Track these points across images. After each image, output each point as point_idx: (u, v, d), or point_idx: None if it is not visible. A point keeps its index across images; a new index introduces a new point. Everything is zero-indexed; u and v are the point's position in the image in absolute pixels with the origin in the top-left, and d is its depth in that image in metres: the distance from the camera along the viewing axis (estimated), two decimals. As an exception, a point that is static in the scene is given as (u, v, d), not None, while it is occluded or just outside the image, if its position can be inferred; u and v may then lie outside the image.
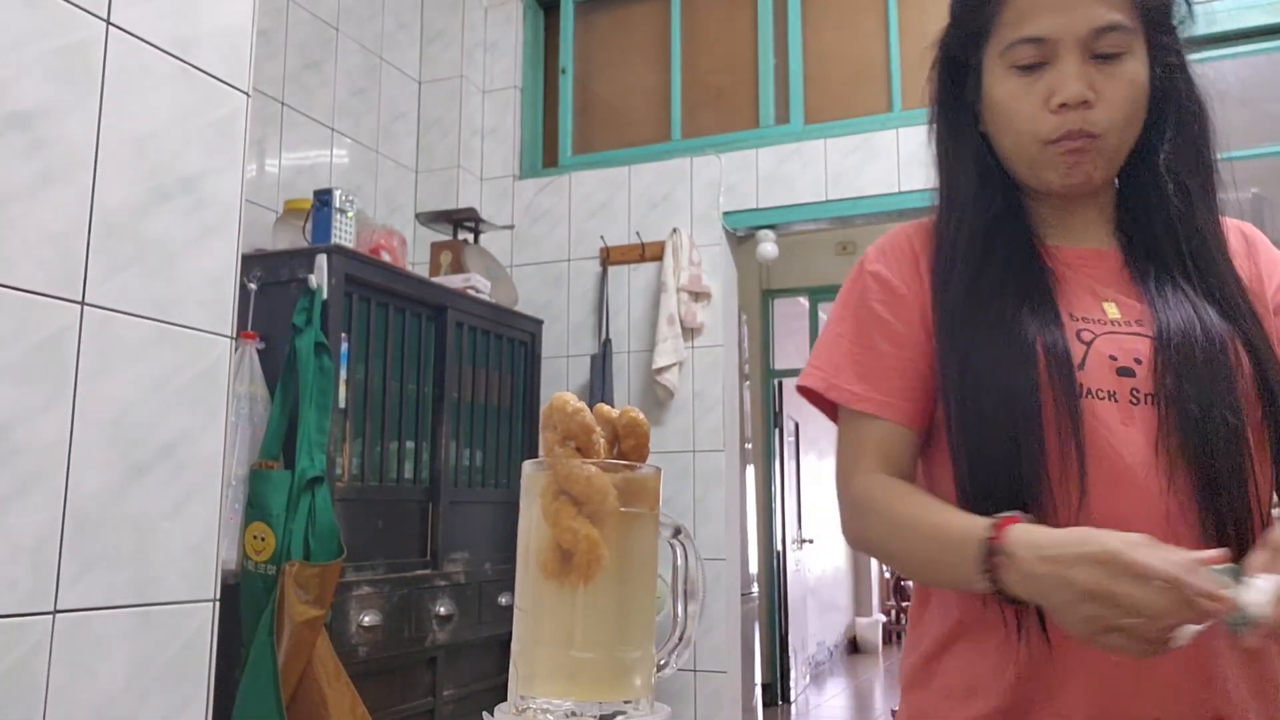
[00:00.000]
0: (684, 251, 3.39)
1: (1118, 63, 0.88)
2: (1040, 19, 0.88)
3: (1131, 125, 0.89)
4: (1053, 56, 0.88)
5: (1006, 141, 0.93)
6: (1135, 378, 0.86)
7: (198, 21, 1.54)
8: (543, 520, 0.64)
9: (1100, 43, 0.87)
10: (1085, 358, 0.87)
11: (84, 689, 1.32)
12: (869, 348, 0.96)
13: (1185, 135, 0.92)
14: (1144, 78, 0.89)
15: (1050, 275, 0.92)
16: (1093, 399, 0.86)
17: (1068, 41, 0.87)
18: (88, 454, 1.34)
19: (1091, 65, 0.87)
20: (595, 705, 0.62)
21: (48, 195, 1.30)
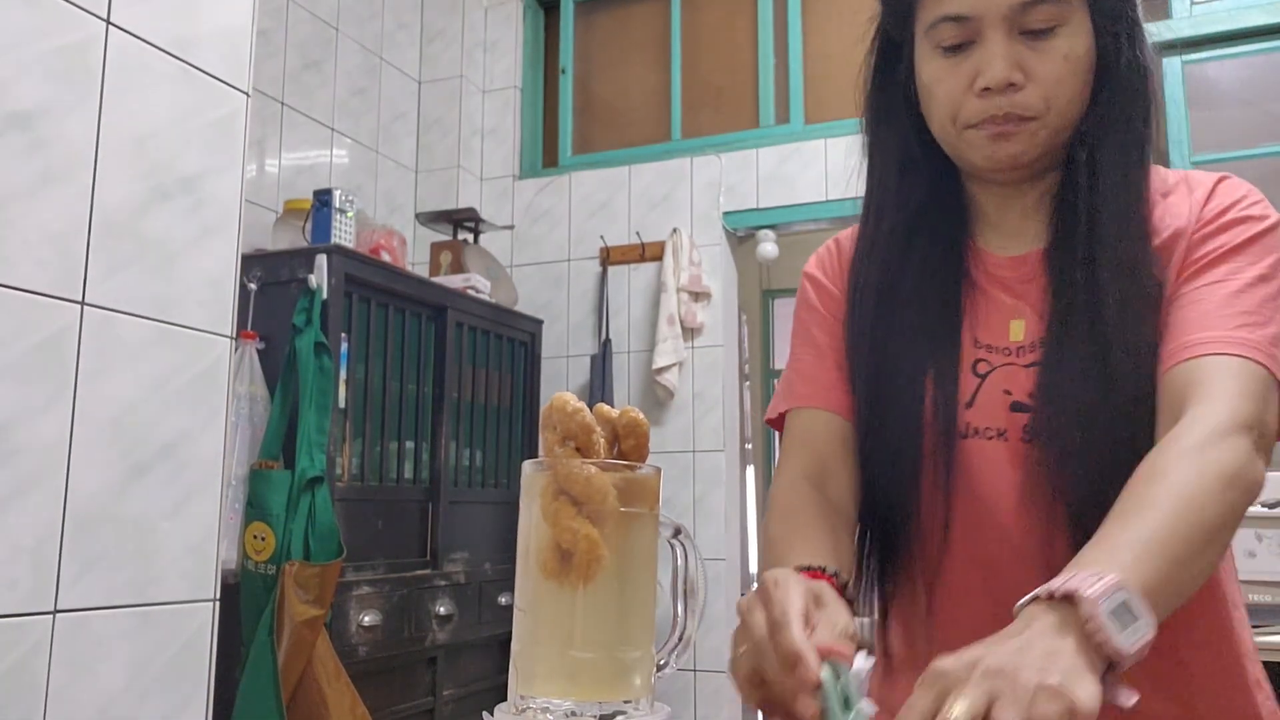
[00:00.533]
0: (684, 251, 3.39)
1: (1050, 38, 0.80)
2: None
3: (1073, 104, 0.82)
4: (977, 35, 0.81)
5: (933, 125, 0.86)
6: (1030, 413, 0.81)
7: (198, 21, 1.54)
8: (543, 520, 0.64)
9: (1029, 17, 0.79)
10: (976, 393, 0.84)
11: (84, 689, 1.32)
12: (811, 347, 0.95)
13: (1113, 107, 0.83)
14: (1084, 50, 0.81)
15: (965, 288, 0.87)
16: (979, 439, 0.83)
17: (991, 18, 0.79)
18: (88, 454, 1.34)
19: (1020, 42, 0.80)
20: (595, 705, 0.62)
21: (48, 195, 1.30)
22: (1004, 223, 0.89)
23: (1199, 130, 3.04)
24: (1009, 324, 0.85)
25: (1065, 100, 0.81)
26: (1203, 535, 0.65)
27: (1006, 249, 0.89)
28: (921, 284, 0.87)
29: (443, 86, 3.75)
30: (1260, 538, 2.36)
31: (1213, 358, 0.73)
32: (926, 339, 0.85)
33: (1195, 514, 0.65)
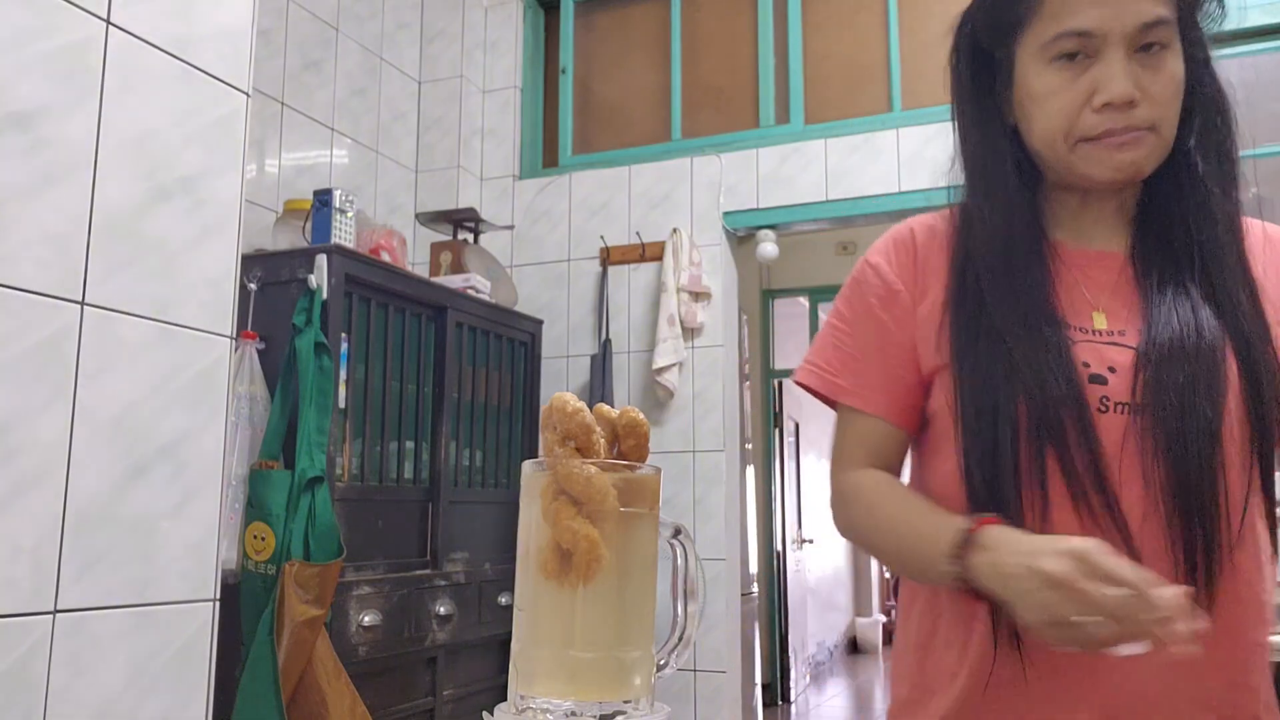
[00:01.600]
0: (684, 251, 3.40)
1: (1161, 56, 0.86)
2: (1086, 11, 0.85)
3: (1174, 122, 0.88)
4: (1096, 51, 0.86)
5: (1041, 137, 0.90)
6: (1106, 385, 0.86)
7: (198, 21, 1.54)
8: (543, 520, 0.64)
9: (1147, 36, 0.85)
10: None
11: (84, 689, 1.32)
12: (862, 344, 0.98)
13: (1209, 131, 0.90)
14: (1182, 72, 0.87)
15: (1049, 277, 0.91)
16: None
17: (1114, 36, 0.85)
18: (88, 454, 1.34)
19: (1135, 60, 0.85)
20: (595, 705, 0.62)
21: (48, 195, 1.30)
22: (1082, 221, 0.95)
23: (1199, 130, 3.04)
24: (1091, 313, 0.90)
25: (1173, 117, 0.87)
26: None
27: (1081, 244, 0.94)
28: (1015, 281, 0.91)
29: (443, 86, 3.75)
30: (1260, 538, 2.35)
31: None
32: (1021, 317, 0.89)
33: None
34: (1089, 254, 0.93)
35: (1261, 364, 0.85)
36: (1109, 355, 0.87)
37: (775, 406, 6.56)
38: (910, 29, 3.40)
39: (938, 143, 3.19)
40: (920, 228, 1.03)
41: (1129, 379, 0.86)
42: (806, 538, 7.08)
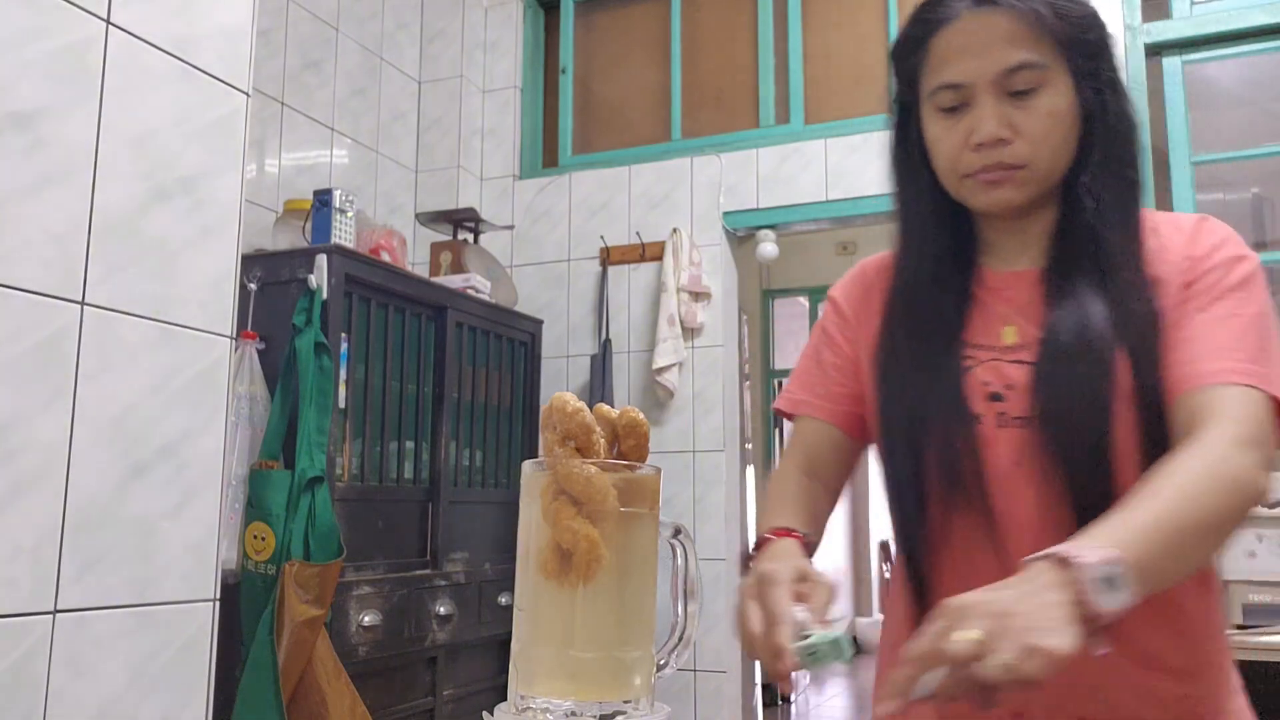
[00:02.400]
0: (684, 251, 3.39)
1: (1033, 97, 0.93)
2: (956, 65, 0.94)
3: (1059, 152, 0.95)
4: (971, 98, 0.94)
5: (940, 175, 1.01)
6: (1004, 402, 0.94)
7: (198, 21, 1.54)
8: (543, 520, 0.64)
9: (1013, 81, 0.92)
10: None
11: (84, 689, 1.32)
12: (815, 360, 1.13)
13: (1109, 155, 0.96)
14: (1066, 106, 0.94)
15: (968, 302, 1.01)
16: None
17: (981, 84, 0.93)
18: (88, 454, 1.34)
19: (1009, 103, 0.93)
20: (595, 705, 0.62)
21: (48, 195, 1.30)
22: (1007, 246, 1.03)
23: (1199, 130, 3.04)
24: (1001, 329, 0.99)
25: (1050, 151, 0.94)
26: (1200, 530, 0.78)
27: (1006, 266, 1.03)
28: (940, 307, 1.01)
29: (443, 86, 3.75)
30: (1260, 538, 2.36)
31: (1226, 386, 0.86)
32: (935, 343, 1.00)
33: (1196, 509, 0.77)
34: (1010, 275, 1.01)
35: (1152, 372, 0.89)
36: (1009, 373, 0.95)
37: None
38: (910, 29, 3.40)
39: (938, 143, 3.19)
40: (873, 264, 1.15)
41: (1025, 394, 0.93)
42: (806, 538, 7.06)
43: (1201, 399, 0.86)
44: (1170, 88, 3.05)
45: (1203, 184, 3.04)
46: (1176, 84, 3.04)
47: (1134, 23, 3.08)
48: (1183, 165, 2.98)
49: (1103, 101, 0.96)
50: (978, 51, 0.93)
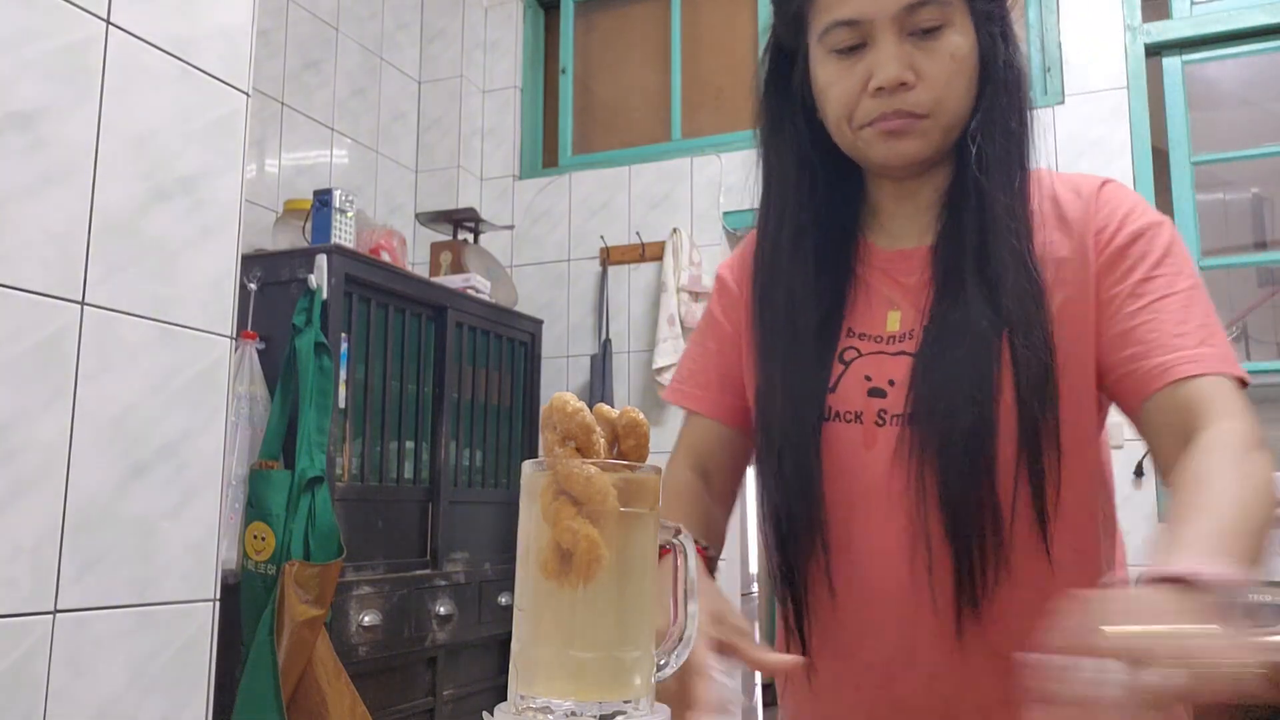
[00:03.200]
0: (684, 251, 3.39)
1: (937, 37, 0.83)
2: (851, 1, 0.83)
3: (962, 100, 0.86)
4: (869, 38, 0.83)
5: (831, 125, 0.89)
6: (885, 399, 0.87)
7: (198, 21, 1.54)
8: (543, 520, 0.64)
9: (916, 18, 0.82)
10: (840, 380, 0.89)
11: (84, 689, 1.32)
12: (704, 349, 1.03)
13: (995, 105, 0.87)
14: (968, 49, 0.85)
15: (850, 282, 0.92)
16: (839, 422, 0.88)
17: (881, 21, 0.82)
18: (88, 454, 1.34)
19: (909, 43, 0.83)
20: (595, 705, 0.62)
21: (48, 195, 1.30)
22: (896, 219, 0.93)
23: (1199, 130, 3.04)
24: (886, 314, 0.90)
25: (955, 98, 0.85)
26: (1260, 541, 0.68)
27: (895, 243, 0.93)
28: (810, 282, 0.91)
29: (443, 86, 3.75)
30: (1260, 538, 2.35)
31: (1202, 379, 0.78)
32: (812, 329, 0.90)
33: (1254, 521, 0.69)
34: (899, 253, 0.92)
35: (1032, 365, 0.82)
36: (890, 367, 0.87)
37: (775, 406, 6.55)
38: (910, 29, 3.40)
39: (938, 143, 3.19)
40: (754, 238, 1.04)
41: (904, 390, 0.85)
42: (806, 538, 7.07)
43: (1183, 397, 0.78)
44: (1170, 88, 3.05)
45: (1203, 184, 3.04)
46: (1176, 84, 3.04)
47: (1134, 23, 3.08)
48: (1183, 165, 2.98)
49: (995, 49, 0.87)
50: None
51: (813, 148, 0.92)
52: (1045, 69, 3.18)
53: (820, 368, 0.89)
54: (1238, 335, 4.67)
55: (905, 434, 0.84)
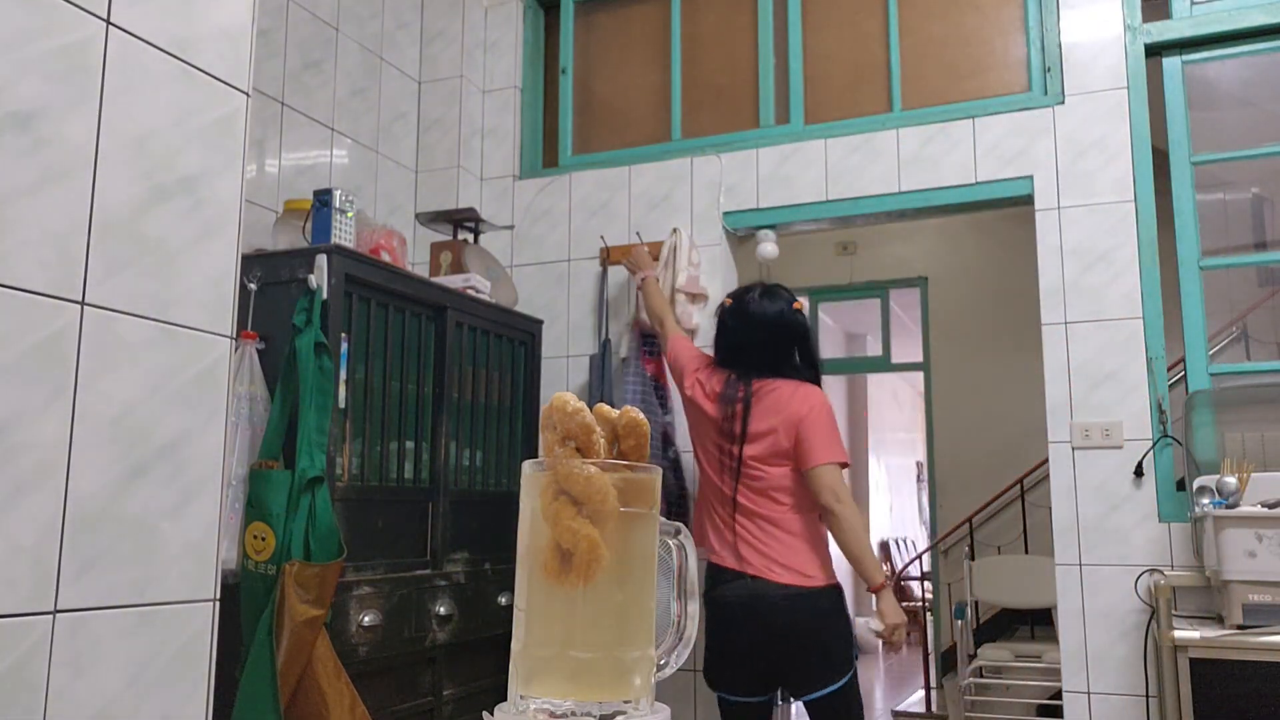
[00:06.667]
0: (683, 252, 3.39)
1: None
2: None
3: None
4: None
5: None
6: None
7: (198, 21, 1.54)
8: (543, 520, 0.64)
9: None
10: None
11: (84, 689, 1.32)
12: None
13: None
14: None
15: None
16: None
17: None
18: (88, 454, 1.34)
19: None
20: (595, 705, 0.62)
21: (48, 195, 1.30)
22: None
23: (1199, 130, 3.04)
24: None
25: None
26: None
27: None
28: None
29: (443, 86, 3.75)
30: (1260, 538, 2.35)
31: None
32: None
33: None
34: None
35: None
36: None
37: (775, 406, 6.55)
38: (910, 29, 3.40)
39: (938, 142, 3.19)
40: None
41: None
42: (806, 538, 7.07)
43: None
44: (1170, 88, 3.05)
45: (1203, 184, 3.05)
46: (1176, 84, 3.04)
47: (1134, 23, 3.08)
48: (1183, 165, 2.98)
49: None
50: None
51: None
52: (1045, 69, 3.18)
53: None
54: (1238, 335, 4.67)
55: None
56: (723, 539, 2.63)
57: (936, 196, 3.18)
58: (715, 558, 2.61)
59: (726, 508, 2.64)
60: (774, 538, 2.58)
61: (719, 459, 2.70)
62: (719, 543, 2.63)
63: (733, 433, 2.66)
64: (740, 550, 2.58)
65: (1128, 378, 2.93)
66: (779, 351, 2.73)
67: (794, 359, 2.76)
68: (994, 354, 6.39)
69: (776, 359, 2.72)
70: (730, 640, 2.59)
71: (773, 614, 2.53)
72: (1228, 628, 2.39)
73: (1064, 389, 3.00)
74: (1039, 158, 3.10)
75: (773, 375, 2.71)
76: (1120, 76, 3.05)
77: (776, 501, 2.63)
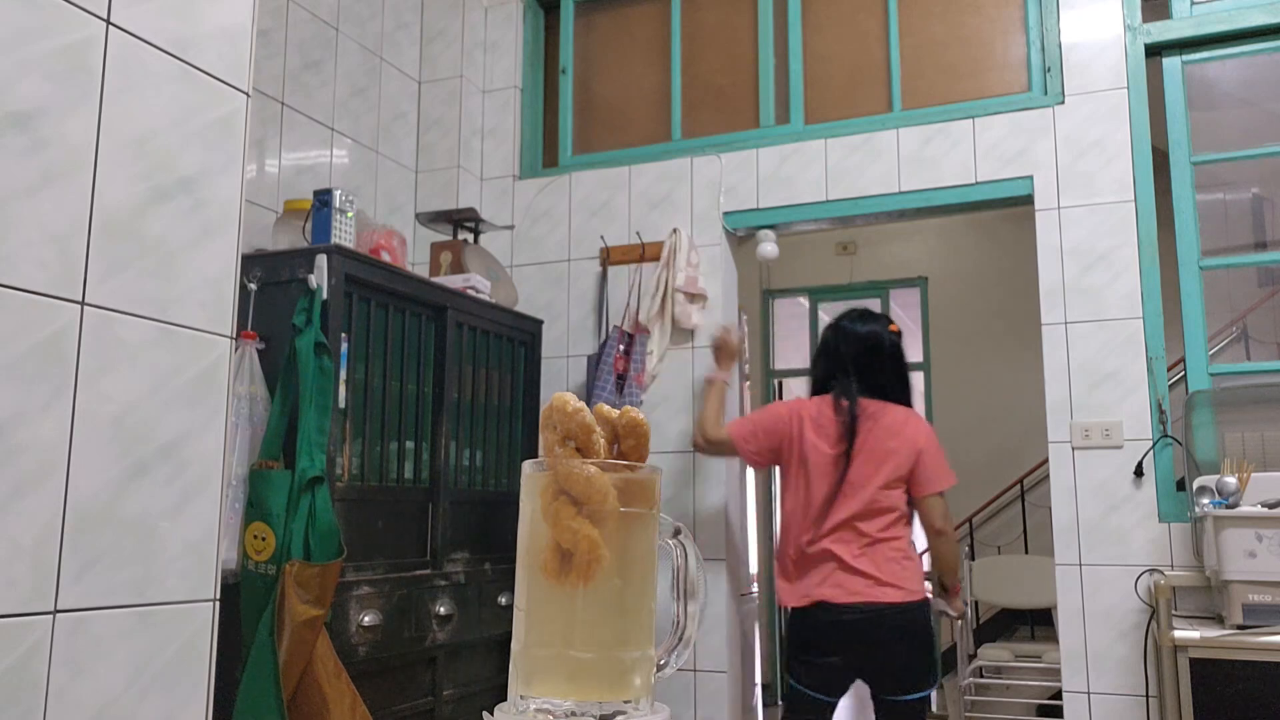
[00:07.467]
0: (683, 252, 3.39)
1: None
2: None
3: None
4: None
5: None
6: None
7: (198, 21, 1.54)
8: (543, 520, 0.64)
9: None
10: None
11: (84, 689, 1.32)
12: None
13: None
14: None
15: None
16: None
17: None
18: (88, 454, 1.34)
19: None
20: (595, 705, 0.62)
21: (48, 195, 1.30)
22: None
23: (1199, 130, 3.04)
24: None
25: None
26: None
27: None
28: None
29: (443, 86, 3.75)
30: (1260, 538, 2.35)
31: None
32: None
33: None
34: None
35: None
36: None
37: (775, 406, 6.55)
38: (910, 29, 3.40)
39: (938, 143, 3.19)
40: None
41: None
42: (806, 538, 7.07)
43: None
44: (1170, 88, 3.05)
45: (1203, 184, 3.05)
46: (1176, 84, 3.04)
47: (1134, 23, 3.08)
48: (1183, 165, 2.98)
49: None
50: None
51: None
52: (1045, 69, 3.18)
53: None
54: (1238, 335, 4.67)
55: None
56: (837, 568, 2.66)
57: (936, 196, 3.18)
58: (827, 590, 2.63)
59: (848, 532, 2.67)
60: (891, 560, 2.65)
61: (832, 484, 2.70)
62: (834, 572, 2.66)
63: (849, 454, 2.70)
64: (859, 573, 2.63)
65: (1128, 378, 2.93)
66: (877, 370, 2.78)
67: (891, 379, 2.80)
68: (994, 354, 6.39)
69: (876, 378, 2.78)
70: (845, 652, 2.66)
71: (887, 630, 2.62)
72: (1228, 628, 2.39)
73: (1064, 389, 3.00)
74: (1039, 158, 3.10)
75: (876, 396, 2.76)
76: (1120, 76, 3.05)
77: (895, 524, 2.69)
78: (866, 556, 2.64)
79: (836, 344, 2.84)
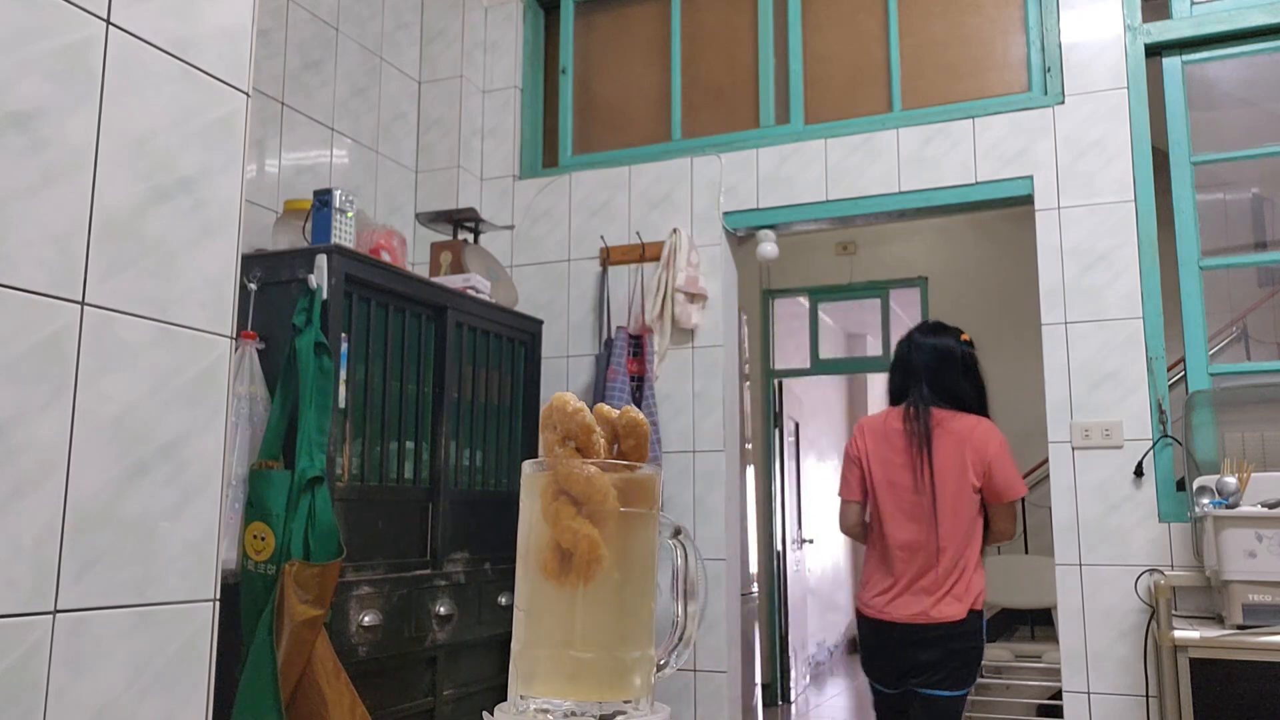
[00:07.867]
0: (682, 252, 3.39)
1: None
2: None
3: None
4: None
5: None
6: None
7: (198, 21, 1.54)
8: (543, 520, 0.64)
9: None
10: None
11: (84, 689, 1.32)
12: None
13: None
14: None
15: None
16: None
17: None
18: (88, 454, 1.34)
19: None
20: (595, 705, 0.62)
21: (48, 195, 1.30)
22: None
23: (1199, 130, 3.04)
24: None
25: None
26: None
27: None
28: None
29: (443, 86, 3.75)
30: (1260, 538, 2.35)
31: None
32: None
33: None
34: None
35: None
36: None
37: (775, 406, 6.56)
38: (910, 29, 3.40)
39: (937, 143, 3.19)
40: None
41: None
42: (806, 537, 7.08)
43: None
44: (1170, 88, 3.05)
45: (1203, 184, 3.05)
46: (1176, 84, 3.04)
47: (1134, 23, 3.08)
48: (1183, 165, 2.98)
49: None
50: None
51: None
52: (1045, 69, 3.18)
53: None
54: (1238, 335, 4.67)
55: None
56: (909, 582, 2.66)
57: (936, 196, 3.18)
58: (898, 605, 2.64)
59: (921, 552, 2.66)
60: (963, 573, 2.64)
61: (913, 500, 2.70)
62: (900, 586, 2.66)
63: (921, 469, 2.69)
64: (924, 590, 2.63)
65: (1128, 378, 2.93)
66: (949, 379, 2.78)
67: (965, 388, 2.80)
68: (994, 354, 6.37)
69: (948, 387, 2.77)
70: (902, 656, 2.66)
71: (948, 641, 2.61)
72: (1228, 628, 2.39)
73: (1064, 389, 3.00)
74: (1039, 158, 3.10)
75: (950, 405, 2.75)
76: (1120, 76, 3.05)
77: (970, 536, 2.66)
78: (933, 573, 2.63)
79: (909, 355, 2.85)
